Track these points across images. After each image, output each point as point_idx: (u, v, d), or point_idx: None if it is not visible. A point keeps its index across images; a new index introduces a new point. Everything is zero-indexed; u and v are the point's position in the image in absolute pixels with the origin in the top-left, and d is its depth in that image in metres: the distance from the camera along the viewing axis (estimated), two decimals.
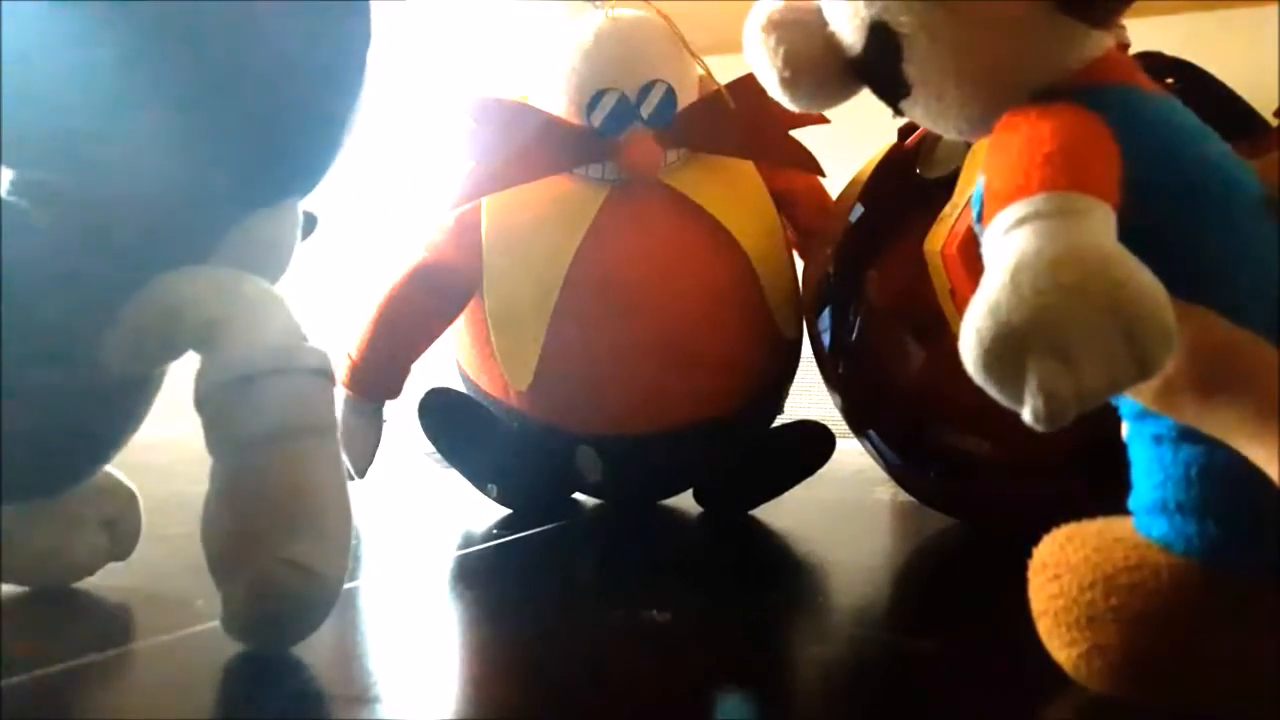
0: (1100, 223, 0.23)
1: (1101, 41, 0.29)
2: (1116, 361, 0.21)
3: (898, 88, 0.30)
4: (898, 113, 0.31)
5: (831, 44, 0.31)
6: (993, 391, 0.22)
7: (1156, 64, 0.51)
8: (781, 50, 0.31)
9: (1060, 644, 0.28)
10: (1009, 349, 0.21)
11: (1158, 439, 0.27)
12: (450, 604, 0.43)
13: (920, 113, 0.31)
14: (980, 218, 0.25)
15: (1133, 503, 0.28)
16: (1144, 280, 0.21)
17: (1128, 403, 0.27)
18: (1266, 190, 0.27)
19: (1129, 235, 0.23)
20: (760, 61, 0.32)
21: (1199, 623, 0.25)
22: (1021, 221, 0.23)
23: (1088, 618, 0.27)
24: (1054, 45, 0.28)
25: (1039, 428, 0.21)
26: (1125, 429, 0.28)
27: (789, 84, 0.32)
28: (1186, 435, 0.26)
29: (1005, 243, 0.23)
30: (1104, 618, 0.26)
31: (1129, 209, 0.24)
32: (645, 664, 0.33)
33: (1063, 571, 0.28)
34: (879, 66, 0.30)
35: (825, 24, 0.31)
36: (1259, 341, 0.24)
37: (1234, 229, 0.26)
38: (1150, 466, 0.27)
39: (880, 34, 0.29)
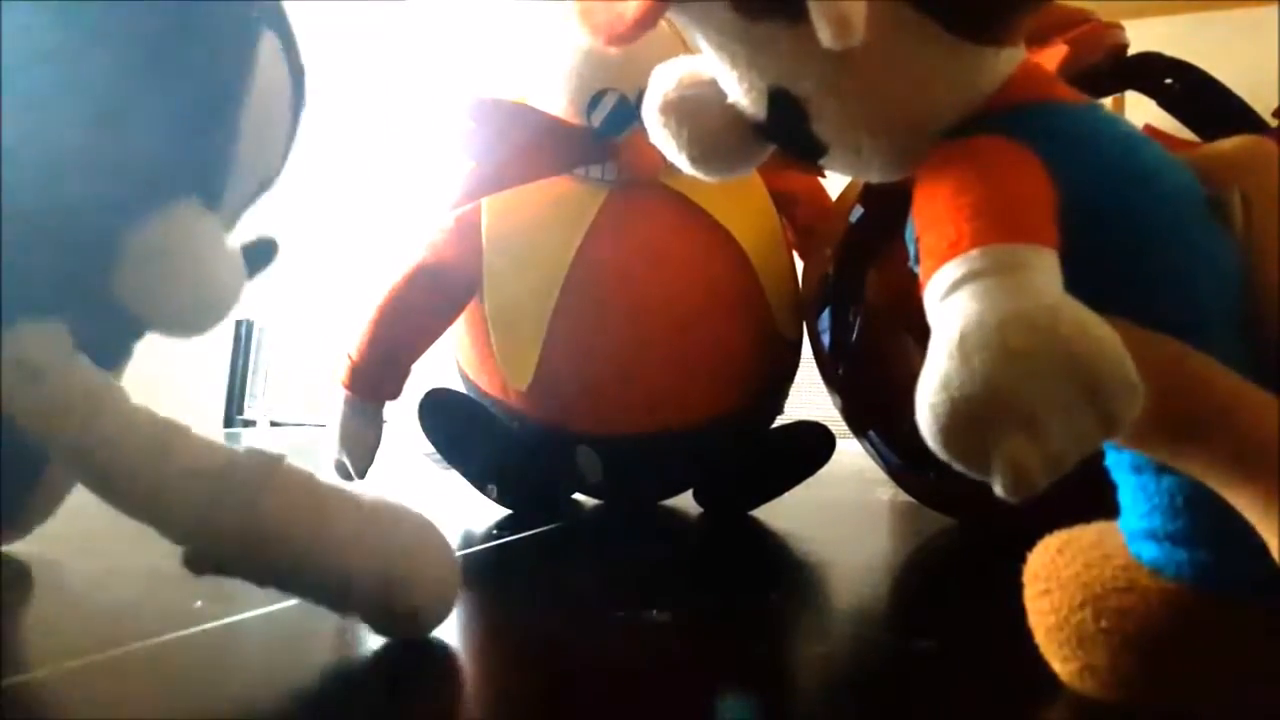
0: (1043, 272, 0.21)
1: (1012, 58, 0.27)
2: (1081, 423, 0.20)
3: (812, 149, 0.28)
4: (819, 171, 0.30)
5: (734, 114, 0.29)
6: (957, 466, 0.21)
7: (1156, 64, 0.51)
8: (685, 132, 0.30)
9: (1054, 657, 0.28)
10: (967, 425, 0.20)
11: (1138, 468, 0.26)
12: None
13: (841, 167, 0.29)
14: (915, 259, 0.24)
15: (1123, 525, 0.27)
16: (1099, 333, 0.20)
17: None
18: (1207, 191, 0.25)
19: (1077, 262, 0.22)
20: (666, 146, 0.31)
21: (1192, 647, 0.25)
22: (960, 283, 0.21)
23: (1079, 637, 0.26)
24: (960, 74, 0.26)
25: (1010, 500, 0.20)
26: (1106, 457, 0.27)
27: (700, 162, 0.31)
28: (1166, 464, 0.25)
29: (946, 308, 0.22)
30: (1095, 640, 0.26)
31: (1073, 237, 0.23)
32: (645, 664, 0.33)
33: (1053, 587, 0.27)
34: (787, 132, 0.28)
35: (724, 94, 0.29)
36: (1232, 377, 0.22)
37: (1183, 238, 0.25)
38: (1135, 495, 0.26)
39: (781, 100, 0.27)
